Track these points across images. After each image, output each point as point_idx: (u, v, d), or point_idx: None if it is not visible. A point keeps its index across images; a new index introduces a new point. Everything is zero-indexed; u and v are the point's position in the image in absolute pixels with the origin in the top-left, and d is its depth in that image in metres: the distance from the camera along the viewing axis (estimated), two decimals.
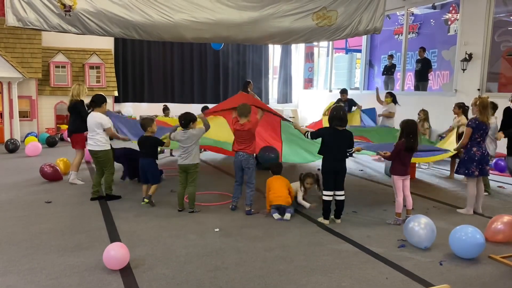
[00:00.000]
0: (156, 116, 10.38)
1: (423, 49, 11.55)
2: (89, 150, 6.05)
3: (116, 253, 3.71)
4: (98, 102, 5.98)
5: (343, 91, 10.96)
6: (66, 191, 6.52)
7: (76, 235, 4.59)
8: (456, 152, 6.04)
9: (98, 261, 3.83)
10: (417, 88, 11.99)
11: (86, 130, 6.27)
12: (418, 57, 11.72)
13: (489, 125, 5.63)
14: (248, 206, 5.51)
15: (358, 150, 5.52)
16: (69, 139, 7.32)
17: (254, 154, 5.73)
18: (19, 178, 7.34)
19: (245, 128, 5.39)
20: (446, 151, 6.25)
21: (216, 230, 4.71)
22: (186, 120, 5.41)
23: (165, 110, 10.46)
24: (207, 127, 5.53)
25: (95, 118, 5.91)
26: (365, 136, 7.54)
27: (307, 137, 5.36)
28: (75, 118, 6.91)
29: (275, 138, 7.18)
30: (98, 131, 5.88)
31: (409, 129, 5.09)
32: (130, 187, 5.86)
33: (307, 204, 5.57)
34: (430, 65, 11.67)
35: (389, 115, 9.79)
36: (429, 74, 11.81)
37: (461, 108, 7.50)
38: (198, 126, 5.59)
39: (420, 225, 4.36)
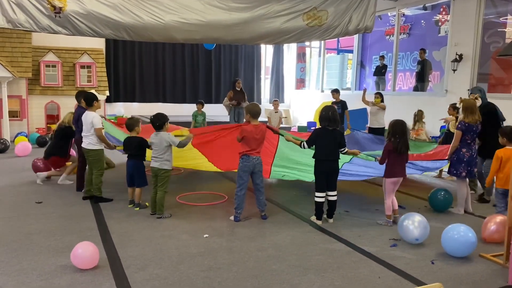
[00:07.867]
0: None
1: (423, 51, 11.52)
2: (82, 148, 5.99)
3: (83, 252, 3.69)
4: (88, 101, 5.90)
5: (335, 91, 10.35)
6: (57, 191, 6.45)
7: (67, 235, 4.56)
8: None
9: None
10: (416, 88, 12.01)
11: (66, 155, 7.03)
12: (419, 59, 11.74)
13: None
14: (263, 211, 5.29)
15: (356, 154, 5.46)
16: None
17: None
18: (9, 178, 7.25)
19: (260, 128, 5.12)
20: (442, 162, 6.19)
21: (205, 236, 4.62)
22: (161, 122, 5.33)
23: None
24: (181, 145, 5.42)
25: (88, 117, 5.84)
26: None
27: (303, 147, 5.24)
28: (58, 142, 6.98)
29: (270, 151, 6.51)
30: (92, 131, 5.81)
31: (395, 129, 5.03)
32: (122, 187, 5.82)
33: None
34: (430, 67, 11.67)
35: (381, 107, 9.57)
36: (430, 76, 11.83)
37: (455, 109, 7.51)
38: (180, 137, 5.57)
39: (414, 223, 4.42)
